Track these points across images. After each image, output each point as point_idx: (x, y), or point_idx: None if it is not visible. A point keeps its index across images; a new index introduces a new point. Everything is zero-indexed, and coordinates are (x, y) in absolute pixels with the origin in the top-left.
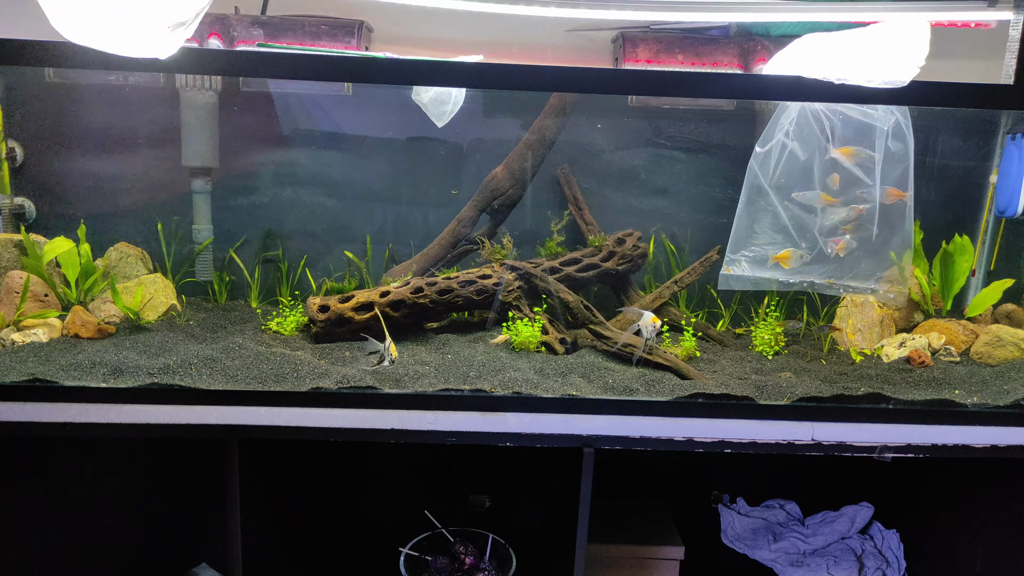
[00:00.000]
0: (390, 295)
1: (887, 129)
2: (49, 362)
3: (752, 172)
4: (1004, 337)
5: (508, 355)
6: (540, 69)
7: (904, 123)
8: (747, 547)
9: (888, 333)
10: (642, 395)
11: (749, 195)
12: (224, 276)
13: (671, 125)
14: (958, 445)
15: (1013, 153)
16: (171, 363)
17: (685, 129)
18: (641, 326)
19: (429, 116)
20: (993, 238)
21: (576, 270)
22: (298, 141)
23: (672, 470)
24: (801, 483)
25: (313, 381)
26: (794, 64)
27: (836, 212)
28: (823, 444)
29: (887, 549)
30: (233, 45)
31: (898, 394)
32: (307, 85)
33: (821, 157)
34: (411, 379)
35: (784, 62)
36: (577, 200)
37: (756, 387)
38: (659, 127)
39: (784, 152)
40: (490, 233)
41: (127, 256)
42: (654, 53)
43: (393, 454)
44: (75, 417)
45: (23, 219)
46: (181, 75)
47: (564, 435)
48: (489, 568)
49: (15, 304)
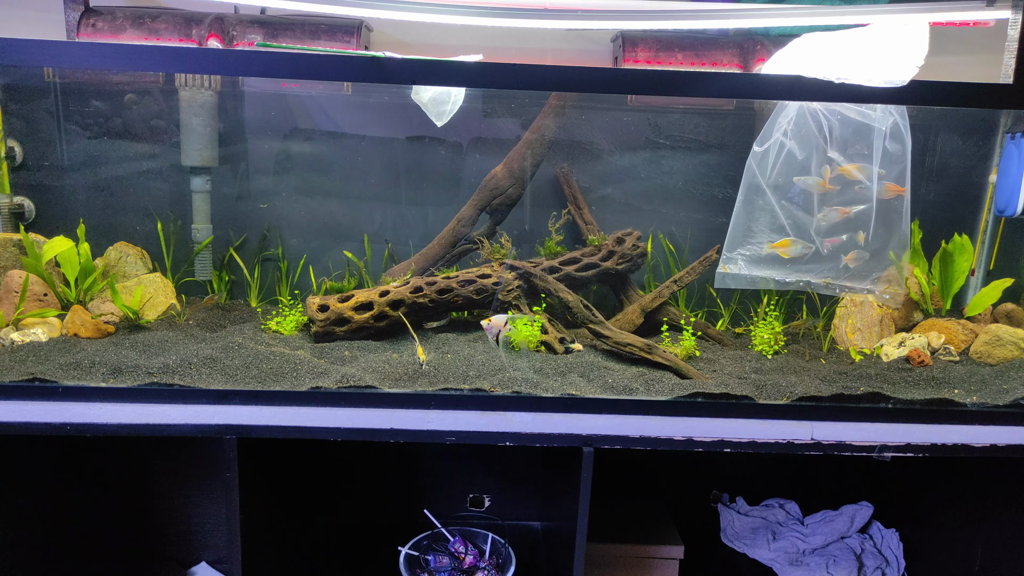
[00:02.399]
0: (390, 294)
1: (885, 129)
2: (48, 361)
3: (750, 171)
4: (1003, 336)
5: (507, 354)
6: (539, 69)
7: (902, 124)
8: (746, 546)
9: (887, 332)
10: (642, 394)
11: (747, 194)
12: (224, 275)
13: (671, 124)
14: (957, 444)
15: (1012, 152)
16: (170, 362)
17: (684, 128)
18: (488, 331)
19: (428, 116)
20: (992, 237)
21: (575, 269)
22: (297, 140)
23: (672, 469)
24: (800, 482)
25: (313, 380)
26: (793, 64)
27: (832, 213)
28: (822, 443)
29: (886, 548)
30: (232, 45)
31: (897, 393)
32: (307, 84)
33: (819, 157)
34: (410, 378)
35: (783, 61)
36: (576, 199)
37: (756, 386)
38: (658, 126)
39: (782, 151)
40: (489, 232)
41: (126, 255)
42: (653, 53)
43: (393, 453)
44: (75, 417)
45: (22, 218)
46: (180, 74)
47: (564, 434)
48: (489, 567)
49: (14, 303)
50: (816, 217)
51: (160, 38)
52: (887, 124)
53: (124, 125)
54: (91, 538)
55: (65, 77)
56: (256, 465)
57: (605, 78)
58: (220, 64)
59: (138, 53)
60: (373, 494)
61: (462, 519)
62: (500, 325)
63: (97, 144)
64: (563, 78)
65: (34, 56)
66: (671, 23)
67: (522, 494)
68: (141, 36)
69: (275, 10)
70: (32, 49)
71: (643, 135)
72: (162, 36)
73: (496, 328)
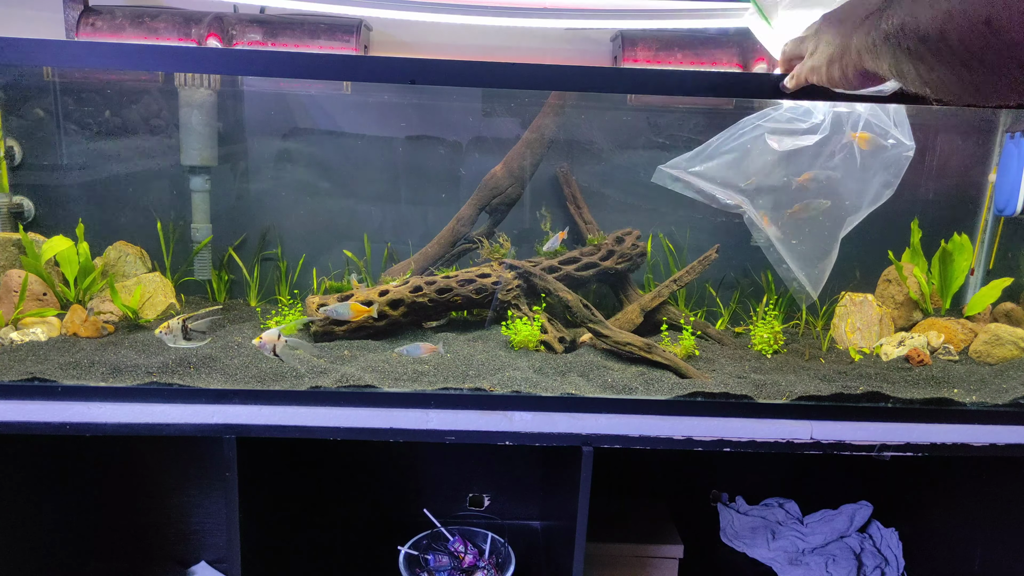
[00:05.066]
0: (389, 294)
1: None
2: (48, 361)
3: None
4: (1003, 336)
5: (507, 354)
6: (539, 68)
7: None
8: (746, 546)
9: (887, 332)
10: (641, 394)
11: (740, 129)
12: (223, 275)
13: (670, 123)
14: (957, 444)
15: (1012, 152)
16: (170, 362)
17: (684, 127)
18: (262, 348)
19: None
20: (992, 237)
21: (575, 269)
22: (297, 139)
23: (671, 469)
24: (800, 482)
25: (312, 380)
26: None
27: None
28: (822, 443)
29: (886, 547)
30: (232, 44)
31: (897, 393)
32: (307, 84)
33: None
34: (410, 378)
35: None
36: (576, 199)
37: (755, 386)
38: (658, 125)
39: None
40: (489, 232)
41: (126, 255)
42: (653, 52)
43: (392, 453)
44: (74, 416)
45: (22, 218)
46: (180, 74)
47: (563, 434)
48: (488, 567)
49: (14, 303)
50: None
51: (159, 37)
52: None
53: (123, 124)
54: (90, 538)
55: (64, 76)
56: (256, 465)
57: (605, 77)
58: (220, 63)
59: (137, 52)
60: (373, 493)
61: (462, 518)
62: (274, 339)
63: (96, 143)
64: (563, 78)
65: (33, 55)
66: (671, 22)
67: (522, 493)
68: (140, 35)
69: (274, 9)
70: (31, 48)
71: (643, 134)
72: (161, 35)
73: (270, 344)
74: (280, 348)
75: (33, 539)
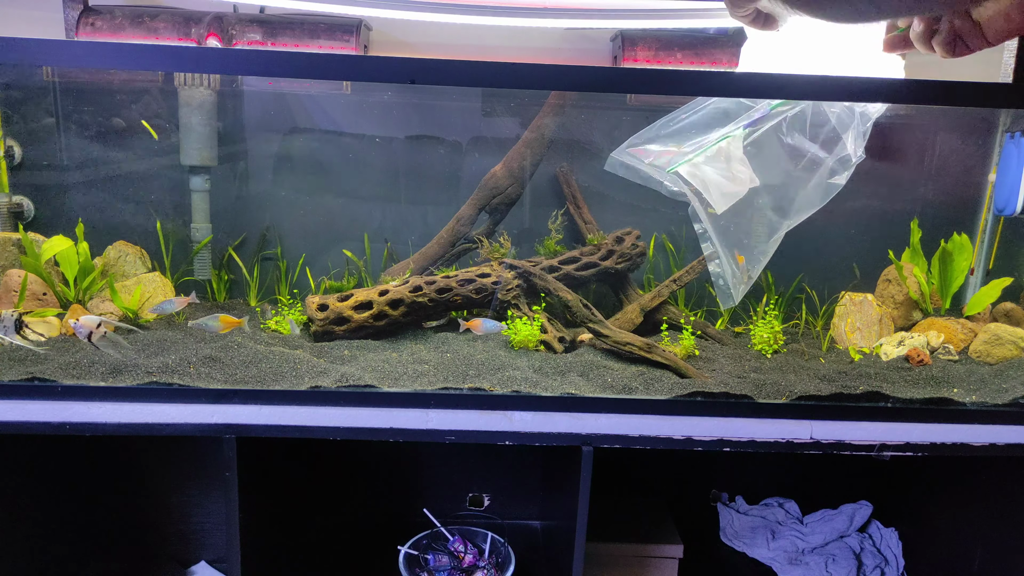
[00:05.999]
0: (389, 294)
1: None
2: (47, 361)
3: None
4: (1003, 335)
5: (507, 354)
6: (539, 68)
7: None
8: (746, 545)
9: (887, 331)
10: (641, 394)
11: (712, 112)
12: (223, 275)
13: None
14: (957, 443)
15: (1012, 151)
16: (169, 362)
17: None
18: (77, 331)
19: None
20: (992, 236)
21: (575, 269)
22: (297, 139)
23: (671, 468)
24: (800, 481)
25: (312, 380)
26: (772, 57)
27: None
28: (822, 443)
29: (886, 547)
30: (231, 44)
31: (897, 392)
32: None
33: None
34: (410, 378)
35: (760, 54)
36: (576, 199)
37: (755, 385)
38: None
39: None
40: (489, 232)
41: (125, 254)
42: (653, 52)
43: (392, 452)
44: (74, 416)
45: (21, 217)
46: (179, 74)
47: (563, 434)
48: (488, 566)
49: (13, 303)
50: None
51: (159, 37)
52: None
53: (123, 124)
54: (90, 538)
55: (64, 76)
56: (255, 465)
57: (604, 77)
58: (219, 63)
59: (137, 52)
60: (372, 493)
61: (462, 518)
62: (91, 326)
63: (96, 143)
64: (563, 77)
65: (33, 55)
66: (671, 22)
67: (522, 493)
68: (140, 35)
69: (274, 9)
70: (31, 48)
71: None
72: (161, 35)
73: (85, 329)
74: (96, 337)
75: (33, 539)
